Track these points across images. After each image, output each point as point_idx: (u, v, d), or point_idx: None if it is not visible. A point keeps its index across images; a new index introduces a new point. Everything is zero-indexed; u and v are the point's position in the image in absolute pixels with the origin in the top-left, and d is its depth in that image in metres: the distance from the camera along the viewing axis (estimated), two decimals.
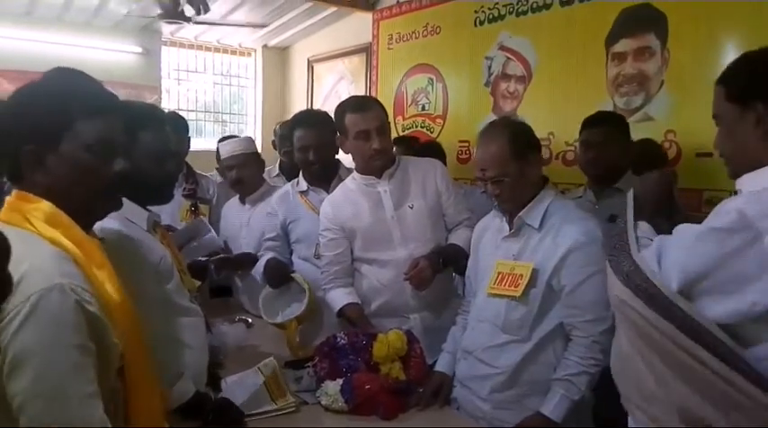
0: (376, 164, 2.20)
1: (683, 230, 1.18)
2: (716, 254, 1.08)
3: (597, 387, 1.69)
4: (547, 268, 1.70)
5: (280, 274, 2.43)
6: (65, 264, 1.02)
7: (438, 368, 1.96)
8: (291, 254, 2.65)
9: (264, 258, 2.54)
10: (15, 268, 0.97)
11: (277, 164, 3.56)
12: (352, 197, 2.26)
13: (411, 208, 2.20)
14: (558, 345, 1.71)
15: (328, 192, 2.48)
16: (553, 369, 1.69)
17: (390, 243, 2.20)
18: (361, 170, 2.26)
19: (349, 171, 2.62)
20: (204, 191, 3.25)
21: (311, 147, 2.50)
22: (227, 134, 5.50)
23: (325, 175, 2.55)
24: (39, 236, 1.03)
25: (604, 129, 2.42)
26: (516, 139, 1.74)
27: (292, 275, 2.40)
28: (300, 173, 2.66)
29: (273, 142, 3.64)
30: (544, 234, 1.74)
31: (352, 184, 2.30)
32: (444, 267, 2.17)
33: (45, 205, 1.07)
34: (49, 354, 0.95)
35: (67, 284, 0.98)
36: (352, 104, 2.24)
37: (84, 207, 1.15)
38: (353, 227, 2.23)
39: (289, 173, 3.42)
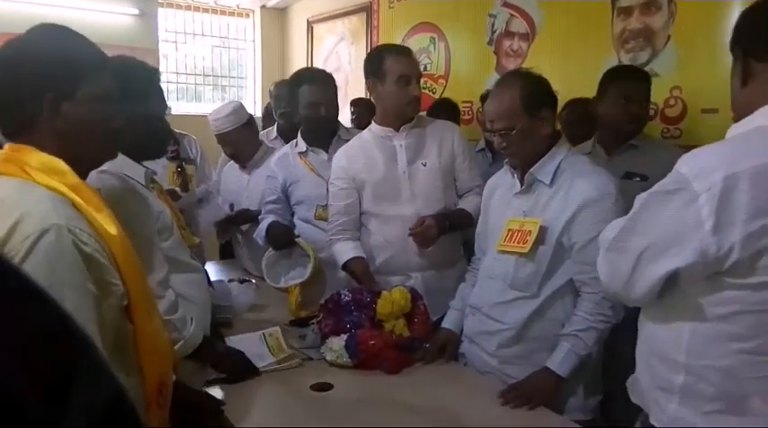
0: (409, 111, 2.19)
1: (636, 200, 1.18)
2: (657, 218, 1.10)
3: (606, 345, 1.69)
4: (557, 224, 1.67)
5: (284, 238, 2.42)
6: (62, 207, 1.01)
7: (445, 324, 1.96)
8: (293, 216, 2.64)
9: (266, 221, 2.53)
10: (11, 213, 0.98)
11: (275, 127, 3.51)
12: (366, 148, 2.25)
13: (424, 165, 2.20)
14: (566, 302, 1.70)
15: (328, 153, 2.46)
16: (561, 325, 1.68)
17: (398, 198, 2.19)
18: (387, 119, 2.22)
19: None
20: (187, 151, 3.22)
21: (321, 102, 2.46)
22: (226, 99, 5.48)
23: (327, 134, 2.53)
24: (35, 183, 1.03)
25: (645, 85, 2.31)
26: (528, 92, 1.69)
27: (296, 240, 2.40)
28: (299, 133, 2.62)
29: (269, 104, 3.57)
30: (556, 190, 1.71)
31: (367, 136, 2.28)
32: (450, 231, 2.16)
33: (40, 155, 1.06)
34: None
35: (65, 225, 0.98)
36: (393, 48, 2.26)
37: (86, 156, 1.17)
38: (364, 179, 2.21)
39: (286, 135, 3.39)
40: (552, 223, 1.68)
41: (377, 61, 2.17)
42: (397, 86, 2.14)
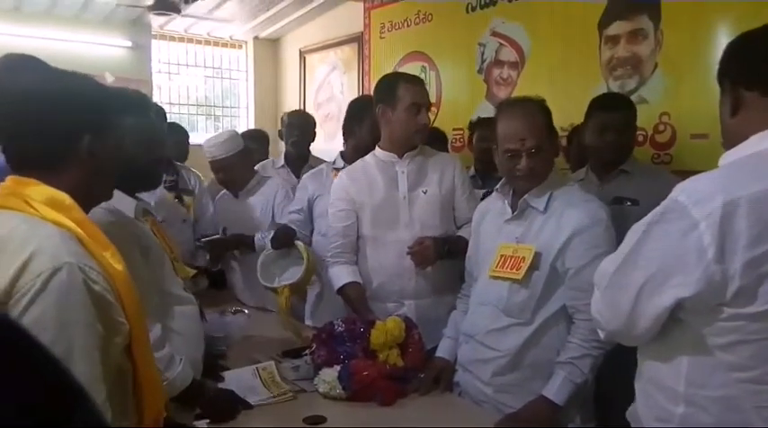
0: (416, 139, 2.22)
1: (630, 232, 1.17)
2: (657, 248, 1.09)
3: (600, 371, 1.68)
4: (551, 251, 1.68)
5: (285, 237, 2.43)
6: (71, 244, 1.01)
7: (439, 353, 1.95)
8: (312, 232, 2.69)
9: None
10: (22, 249, 0.98)
11: (282, 155, 3.52)
12: (369, 171, 2.27)
13: (424, 193, 2.22)
14: (561, 328, 1.70)
15: None
16: (556, 352, 1.67)
17: (397, 223, 2.20)
18: (392, 145, 2.24)
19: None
20: (186, 182, 3.22)
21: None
22: (220, 129, 5.51)
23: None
24: (41, 219, 1.02)
25: (623, 113, 2.34)
26: (548, 115, 1.77)
27: (295, 242, 2.40)
28: (340, 153, 2.71)
29: (280, 132, 3.59)
30: (548, 216, 1.72)
31: (370, 159, 2.30)
32: (449, 256, 2.16)
33: (44, 188, 1.05)
34: (56, 332, 0.95)
35: (76, 263, 0.98)
36: (406, 76, 2.29)
37: (100, 195, 1.20)
38: (364, 202, 2.22)
39: (294, 163, 3.41)
40: (546, 249, 1.69)
41: (389, 88, 2.20)
42: (408, 114, 2.16)
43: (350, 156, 2.61)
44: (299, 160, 3.41)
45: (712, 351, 1.06)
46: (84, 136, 1.08)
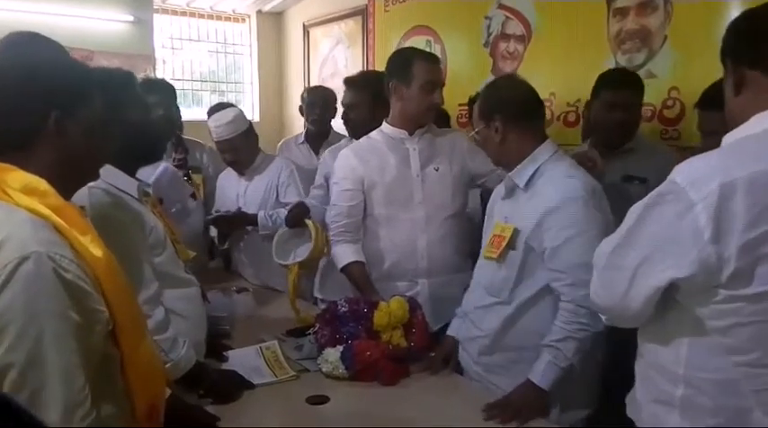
0: (428, 118, 2.21)
1: (628, 213, 1.16)
2: (654, 229, 1.08)
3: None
4: (526, 230, 1.66)
5: (297, 215, 2.45)
6: (42, 232, 0.99)
7: (449, 332, 1.93)
8: None
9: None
10: None
11: (303, 133, 3.49)
12: (378, 149, 2.23)
13: (436, 170, 2.20)
14: (542, 309, 1.67)
15: None
16: (538, 334, 1.64)
17: (410, 201, 2.18)
18: (403, 121, 2.21)
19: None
20: (196, 159, 3.20)
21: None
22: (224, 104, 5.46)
23: None
24: (15, 206, 1.00)
25: (631, 91, 2.29)
26: (484, 101, 1.78)
27: (306, 220, 2.40)
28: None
29: (300, 108, 3.55)
30: (531, 194, 1.69)
31: (378, 136, 2.26)
32: None
33: (20, 174, 1.03)
34: (24, 323, 0.93)
35: (44, 252, 0.96)
36: (424, 53, 2.24)
37: (79, 177, 1.16)
38: (375, 181, 2.19)
39: (314, 140, 3.38)
40: (523, 228, 1.67)
41: (404, 64, 2.15)
42: (422, 92, 2.12)
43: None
44: (320, 137, 3.38)
45: (711, 334, 1.06)
46: (51, 113, 1.05)
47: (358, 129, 2.56)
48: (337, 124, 3.44)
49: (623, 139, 2.31)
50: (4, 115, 1.05)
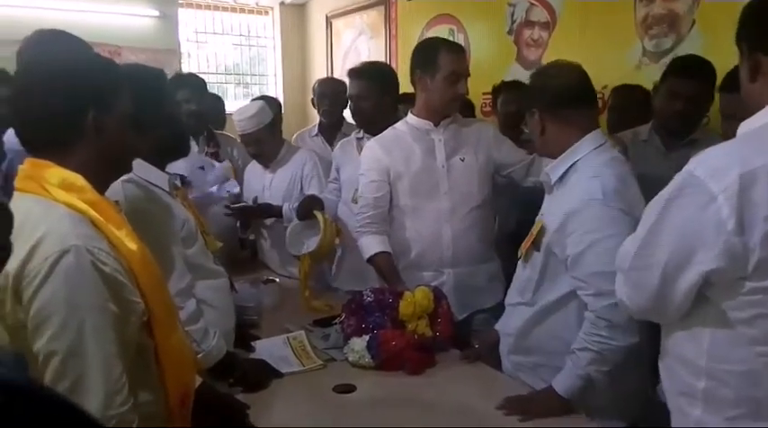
0: (453, 108, 2.20)
1: (647, 209, 1.15)
2: (677, 224, 1.06)
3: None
4: (550, 231, 1.59)
5: (306, 207, 2.48)
6: (80, 226, 1.02)
7: (497, 325, 1.89)
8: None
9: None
10: (33, 233, 1.00)
11: (317, 124, 3.50)
12: (403, 140, 2.23)
13: (462, 160, 2.19)
14: (568, 315, 1.59)
15: None
16: (563, 339, 1.57)
17: (436, 192, 2.18)
18: (428, 112, 2.21)
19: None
20: (227, 153, 3.23)
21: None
22: (249, 96, 5.50)
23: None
24: (53, 201, 1.04)
25: (698, 81, 2.16)
26: (527, 91, 1.73)
27: (315, 212, 2.44)
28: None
29: (312, 100, 3.56)
30: (562, 192, 1.61)
31: (403, 127, 2.26)
32: None
33: (58, 170, 1.07)
34: (66, 314, 0.97)
35: (83, 246, 1.00)
36: (449, 44, 2.23)
37: (115, 172, 1.20)
38: (401, 172, 2.20)
39: (327, 132, 3.40)
40: (548, 228, 1.60)
41: (430, 54, 2.14)
42: (447, 82, 2.12)
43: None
44: (333, 128, 3.39)
45: (734, 325, 1.04)
46: (89, 111, 1.08)
47: (366, 120, 2.56)
48: (349, 115, 3.47)
49: (686, 130, 2.24)
50: (43, 114, 1.08)
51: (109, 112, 1.11)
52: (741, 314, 1.03)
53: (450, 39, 3.98)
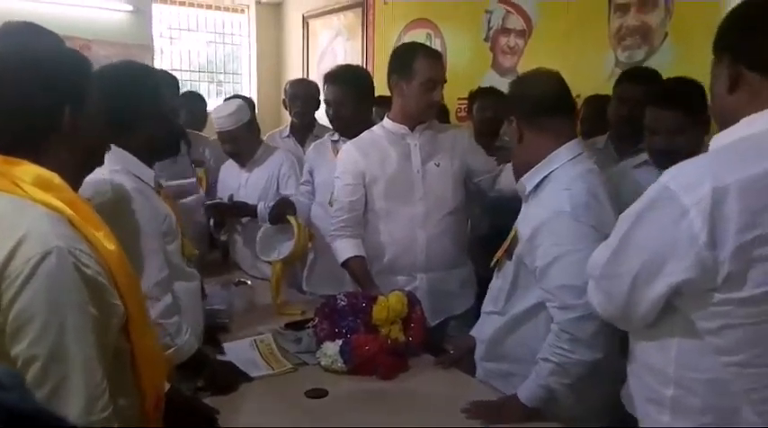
0: (428, 115, 2.20)
1: (620, 220, 1.16)
2: (649, 235, 1.07)
3: None
4: (522, 241, 1.58)
5: (281, 211, 2.45)
6: (61, 227, 0.99)
7: (472, 331, 1.88)
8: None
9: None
10: (11, 234, 0.96)
11: (288, 125, 3.48)
12: (379, 143, 2.23)
13: (437, 166, 2.19)
14: (538, 325, 1.59)
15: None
16: (532, 349, 1.56)
17: (411, 196, 2.18)
18: (403, 117, 2.20)
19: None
20: (198, 152, 3.19)
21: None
22: (222, 94, 5.45)
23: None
24: (31, 201, 1.00)
25: (646, 87, 2.18)
26: (506, 98, 1.72)
27: (288, 217, 2.41)
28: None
29: (284, 101, 3.54)
30: (535, 202, 1.60)
31: (380, 131, 2.26)
32: None
33: (31, 167, 1.03)
34: (47, 317, 0.94)
35: (65, 247, 0.97)
36: (426, 50, 2.22)
37: (88, 168, 1.17)
38: (376, 175, 2.19)
39: (299, 133, 3.38)
40: (521, 238, 1.60)
41: (406, 59, 2.13)
42: (423, 89, 2.11)
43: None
44: (305, 130, 3.38)
45: (701, 335, 1.06)
46: (65, 106, 1.05)
47: (344, 125, 2.54)
48: (321, 116, 3.44)
49: (635, 135, 2.22)
50: (17, 109, 1.04)
51: (84, 107, 1.08)
52: (709, 324, 1.05)
53: (427, 43, 4.00)
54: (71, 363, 0.95)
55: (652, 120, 1.89)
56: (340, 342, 1.79)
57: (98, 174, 1.31)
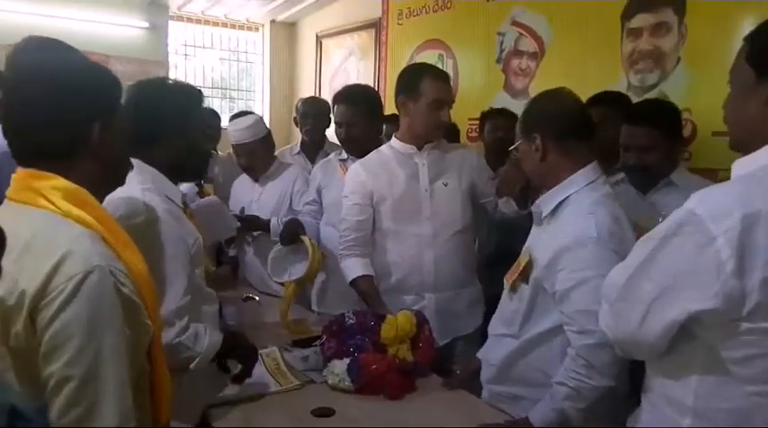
0: (435, 135, 2.20)
1: (640, 242, 1.14)
2: (672, 261, 1.05)
3: None
4: (539, 266, 1.57)
5: (290, 232, 2.43)
6: (99, 245, 0.99)
7: (479, 353, 1.88)
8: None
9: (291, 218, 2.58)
10: (52, 250, 0.96)
11: (298, 142, 3.50)
12: (387, 163, 2.23)
13: (445, 185, 2.20)
14: (552, 349, 1.58)
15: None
16: (547, 374, 1.57)
17: (419, 216, 2.17)
18: (411, 137, 2.21)
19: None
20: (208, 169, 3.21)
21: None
22: (235, 110, 5.49)
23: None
24: (64, 217, 1.00)
25: (609, 109, 2.21)
26: (526, 115, 1.67)
27: (301, 237, 2.39)
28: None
29: (295, 119, 3.57)
30: (553, 226, 1.58)
31: (388, 151, 2.26)
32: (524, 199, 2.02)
33: (60, 181, 1.02)
34: (86, 338, 0.94)
35: (106, 266, 0.97)
36: (434, 71, 2.23)
37: (113, 184, 1.17)
38: (384, 195, 2.19)
39: (309, 150, 3.39)
40: (537, 262, 1.58)
41: (414, 80, 2.15)
42: (430, 109, 2.12)
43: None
44: (315, 147, 3.40)
45: (725, 364, 1.04)
46: (95, 123, 1.06)
47: (356, 145, 2.54)
48: (332, 134, 3.45)
49: (609, 156, 2.18)
50: (48, 125, 1.03)
51: (112, 123, 1.09)
52: (734, 353, 1.02)
53: (439, 64, 4.03)
54: (105, 386, 0.95)
55: (626, 136, 2.00)
56: (348, 360, 1.78)
57: (129, 192, 1.31)
